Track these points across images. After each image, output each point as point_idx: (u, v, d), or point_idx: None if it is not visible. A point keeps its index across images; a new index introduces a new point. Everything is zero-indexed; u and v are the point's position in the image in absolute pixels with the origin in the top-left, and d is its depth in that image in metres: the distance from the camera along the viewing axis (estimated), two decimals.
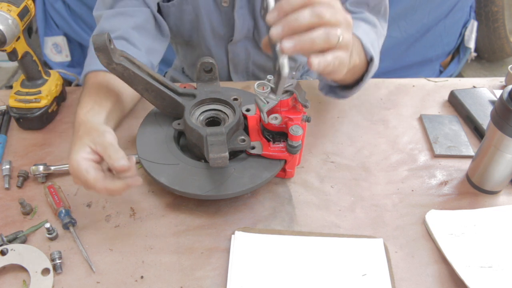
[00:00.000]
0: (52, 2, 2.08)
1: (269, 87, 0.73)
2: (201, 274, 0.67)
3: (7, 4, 0.80)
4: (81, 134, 0.70)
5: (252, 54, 1.09)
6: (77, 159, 0.66)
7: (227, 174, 0.74)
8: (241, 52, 1.08)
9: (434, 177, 0.84)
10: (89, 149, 0.67)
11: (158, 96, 0.80)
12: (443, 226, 0.74)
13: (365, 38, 0.79)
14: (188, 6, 0.97)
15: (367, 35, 0.80)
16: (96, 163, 0.67)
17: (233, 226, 0.74)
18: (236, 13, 0.97)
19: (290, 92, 0.74)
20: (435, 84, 1.07)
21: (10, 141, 0.89)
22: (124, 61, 0.75)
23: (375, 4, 0.88)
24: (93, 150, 0.67)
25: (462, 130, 0.93)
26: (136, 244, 0.71)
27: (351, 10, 0.86)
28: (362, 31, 0.80)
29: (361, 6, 0.88)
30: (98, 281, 0.66)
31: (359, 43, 0.78)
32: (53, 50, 2.19)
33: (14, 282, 0.66)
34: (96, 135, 0.68)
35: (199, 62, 0.83)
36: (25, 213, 0.75)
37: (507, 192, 0.81)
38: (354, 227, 0.74)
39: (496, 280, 0.66)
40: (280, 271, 0.67)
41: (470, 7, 2.22)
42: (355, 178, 0.83)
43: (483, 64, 2.59)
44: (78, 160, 0.66)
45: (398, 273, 0.68)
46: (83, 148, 0.67)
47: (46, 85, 0.91)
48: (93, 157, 0.67)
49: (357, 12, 0.87)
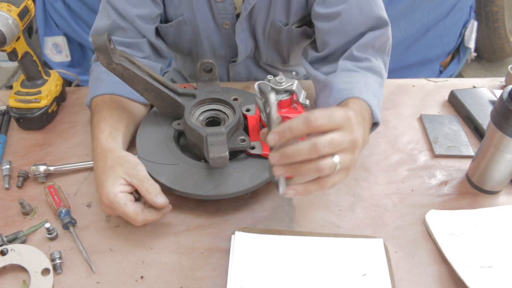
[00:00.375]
0: (52, 2, 2.08)
1: (269, 87, 0.73)
2: (201, 274, 0.67)
3: (7, 4, 0.80)
4: (111, 164, 0.70)
5: (254, 72, 1.09)
6: (114, 192, 0.67)
7: (227, 174, 0.74)
8: (242, 71, 1.08)
9: (434, 177, 0.84)
10: (124, 181, 0.68)
11: (158, 96, 0.80)
12: (443, 226, 0.74)
13: (374, 102, 0.77)
14: (187, 26, 0.96)
15: (375, 96, 0.78)
16: (130, 194, 0.69)
17: (233, 226, 0.74)
18: (237, 37, 0.96)
19: (290, 92, 0.74)
20: (435, 84, 1.07)
21: (10, 141, 0.89)
22: (124, 61, 0.75)
23: (380, 45, 0.88)
24: (127, 182, 0.68)
25: (462, 130, 0.93)
26: (136, 244, 0.71)
27: (358, 56, 0.85)
28: (371, 93, 0.78)
29: (367, 49, 0.86)
30: (98, 281, 0.66)
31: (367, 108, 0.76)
32: (53, 50, 2.19)
33: (14, 282, 0.66)
34: (129, 167, 0.69)
35: (199, 62, 0.83)
36: (25, 213, 0.75)
37: (507, 192, 0.81)
38: (354, 227, 0.74)
39: (496, 280, 0.66)
40: (280, 271, 0.67)
41: (470, 7, 2.22)
42: (355, 178, 0.83)
43: (483, 64, 2.59)
44: (115, 193, 0.67)
45: (398, 273, 0.68)
46: (118, 180, 0.68)
47: (46, 85, 0.91)
48: (128, 189, 0.68)
49: (362, 59, 0.85)
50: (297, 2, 0.91)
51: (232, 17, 0.94)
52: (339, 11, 0.84)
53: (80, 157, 0.85)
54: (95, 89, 0.85)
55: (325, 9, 0.86)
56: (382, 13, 0.86)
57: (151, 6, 0.89)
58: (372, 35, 0.86)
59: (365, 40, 0.86)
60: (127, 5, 0.86)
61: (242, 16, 0.92)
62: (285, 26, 0.95)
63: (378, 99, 0.80)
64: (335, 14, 0.85)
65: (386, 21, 0.87)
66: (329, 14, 0.85)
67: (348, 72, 0.83)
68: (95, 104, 0.83)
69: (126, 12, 0.86)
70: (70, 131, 0.92)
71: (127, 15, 0.87)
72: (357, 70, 0.84)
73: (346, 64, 0.84)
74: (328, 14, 0.85)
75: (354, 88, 0.77)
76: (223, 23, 0.95)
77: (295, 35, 0.97)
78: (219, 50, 1.02)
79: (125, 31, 0.88)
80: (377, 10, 0.85)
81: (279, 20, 0.94)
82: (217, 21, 0.95)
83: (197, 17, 0.94)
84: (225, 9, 0.93)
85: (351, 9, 0.84)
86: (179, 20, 0.95)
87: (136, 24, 0.88)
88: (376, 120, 0.78)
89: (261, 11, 0.93)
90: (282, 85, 0.73)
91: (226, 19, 0.94)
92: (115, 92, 0.84)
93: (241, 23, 0.94)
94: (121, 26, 0.88)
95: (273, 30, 0.96)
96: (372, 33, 0.86)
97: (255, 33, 0.98)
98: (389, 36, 0.89)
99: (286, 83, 0.73)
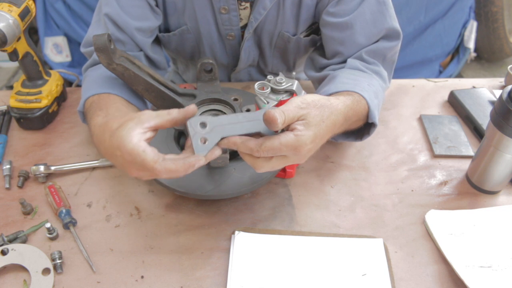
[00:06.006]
0: (52, 2, 2.08)
1: (269, 87, 0.74)
2: (201, 274, 0.67)
3: (8, 4, 0.80)
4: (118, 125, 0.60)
5: (255, 80, 1.08)
6: (132, 141, 0.57)
7: (227, 174, 0.74)
8: (244, 78, 1.07)
9: (434, 177, 0.84)
10: (140, 129, 0.59)
11: (158, 96, 0.81)
12: (442, 226, 0.74)
13: (374, 103, 0.77)
14: (190, 35, 0.94)
15: (376, 97, 0.78)
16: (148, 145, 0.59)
17: (233, 226, 0.74)
18: (242, 48, 0.95)
19: (290, 92, 0.74)
20: (435, 84, 1.07)
21: (10, 141, 0.90)
22: (124, 62, 0.75)
23: (391, 56, 0.87)
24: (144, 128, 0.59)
25: (461, 130, 0.93)
26: (136, 244, 0.71)
27: (366, 59, 0.85)
28: (373, 94, 0.78)
29: (377, 57, 0.86)
30: (98, 281, 0.66)
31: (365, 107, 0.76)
32: (53, 50, 2.19)
33: (14, 282, 0.66)
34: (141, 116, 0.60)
35: (199, 62, 0.83)
36: (25, 213, 0.75)
37: (507, 192, 0.81)
38: (354, 227, 0.75)
39: (496, 280, 0.66)
40: (280, 271, 0.67)
41: (470, 7, 2.22)
42: (355, 178, 0.83)
43: (483, 65, 2.59)
44: (133, 142, 0.57)
45: (398, 273, 0.68)
46: (133, 130, 0.59)
47: (47, 85, 0.92)
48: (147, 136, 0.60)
49: (371, 63, 0.85)
50: (306, 12, 0.89)
51: (237, 29, 0.92)
52: (351, 21, 0.83)
53: (81, 157, 0.85)
54: (88, 90, 0.79)
55: (337, 19, 0.84)
56: (395, 24, 0.85)
57: (151, 19, 0.87)
58: (385, 44, 0.85)
59: (377, 47, 0.85)
60: (128, 18, 0.83)
61: (251, 27, 0.90)
62: (293, 36, 0.93)
63: (379, 101, 0.79)
64: (347, 25, 0.83)
65: (399, 33, 0.86)
66: (341, 24, 0.84)
67: (355, 70, 0.83)
68: (89, 104, 0.77)
69: (125, 25, 0.83)
70: (71, 131, 0.92)
71: (127, 28, 0.84)
72: (365, 70, 0.84)
73: (355, 63, 0.84)
74: (340, 24, 0.84)
75: (357, 85, 0.77)
76: (227, 34, 0.93)
77: (303, 44, 0.96)
78: (221, 59, 1.00)
79: (123, 44, 0.85)
80: (391, 21, 0.85)
81: (287, 30, 0.92)
82: (221, 32, 0.94)
83: (200, 27, 0.92)
84: (230, 21, 0.91)
85: (364, 20, 0.83)
86: (182, 29, 0.93)
87: (135, 37, 0.85)
88: (372, 120, 0.77)
89: (269, 22, 0.91)
90: (282, 85, 0.73)
91: (231, 30, 0.92)
92: (110, 92, 0.78)
93: (248, 34, 0.92)
94: (120, 39, 0.84)
95: (281, 40, 0.94)
96: (385, 42, 0.85)
97: (261, 43, 0.96)
98: (398, 49, 0.88)
99: (286, 83, 0.73)
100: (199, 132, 0.59)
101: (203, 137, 0.59)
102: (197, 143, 0.59)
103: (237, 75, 1.06)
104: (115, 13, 0.83)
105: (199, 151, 0.59)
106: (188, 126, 0.59)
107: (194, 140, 0.59)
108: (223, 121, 0.60)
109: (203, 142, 0.59)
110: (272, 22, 0.91)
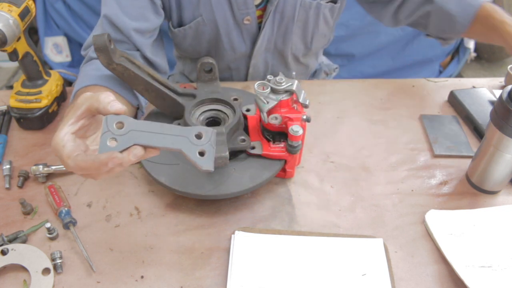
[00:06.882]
0: (52, 2, 2.08)
1: (269, 87, 0.74)
2: (201, 274, 0.67)
3: (8, 4, 0.80)
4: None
5: (271, 65, 1.09)
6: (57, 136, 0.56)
7: (227, 174, 0.74)
8: (261, 65, 1.08)
9: (434, 177, 0.84)
10: (72, 120, 0.57)
11: (158, 96, 0.81)
12: (442, 226, 0.74)
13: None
14: (206, 27, 0.95)
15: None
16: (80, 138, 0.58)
17: (233, 226, 0.74)
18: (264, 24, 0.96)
19: (290, 92, 0.74)
20: (435, 84, 1.07)
21: (10, 141, 0.90)
22: (124, 61, 0.75)
23: None
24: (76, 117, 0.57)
25: (461, 130, 0.93)
26: (136, 244, 0.71)
27: None
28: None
29: None
30: (98, 281, 0.66)
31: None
32: (53, 50, 2.19)
33: (14, 282, 0.66)
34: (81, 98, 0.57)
35: (199, 62, 0.83)
36: (25, 213, 0.75)
37: (507, 192, 0.81)
38: (354, 227, 0.75)
39: (496, 280, 0.66)
40: (280, 271, 0.67)
41: None
42: (355, 178, 0.83)
43: (483, 64, 2.59)
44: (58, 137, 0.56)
45: (397, 273, 0.68)
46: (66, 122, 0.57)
47: (47, 85, 0.92)
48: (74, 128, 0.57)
49: None
50: None
51: (252, 12, 0.93)
52: None
53: None
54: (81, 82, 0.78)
55: None
56: None
57: (151, 20, 0.87)
58: None
59: None
60: (126, 18, 0.83)
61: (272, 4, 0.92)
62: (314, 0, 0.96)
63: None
64: None
65: None
66: None
67: None
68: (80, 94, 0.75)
69: (123, 25, 0.83)
70: None
71: (124, 28, 0.83)
72: None
73: None
74: None
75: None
76: (243, 18, 0.94)
77: (322, 12, 0.99)
78: (239, 47, 1.01)
79: (120, 44, 0.85)
80: None
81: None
82: (236, 18, 0.94)
83: (216, 16, 0.93)
84: (245, 4, 0.92)
85: None
86: (197, 21, 0.94)
87: (132, 37, 0.84)
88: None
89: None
90: (282, 85, 0.73)
91: (247, 14, 0.93)
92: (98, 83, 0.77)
93: (271, 7, 0.93)
94: (117, 39, 0.84)
95: (303, 9, 0.96)
96: None
97: (284, 17, 0.97)
98: None
99: (286, 83, 0.73)
100: (112, 132, 0.55)
101: (114, 137, 0.55)
102: (104, 142, 0.54)
103: (255, 62, 1.05)
104: (113, 14, 0.83)
105: (102, 151, 0.54)
106: (103, 123, 0.55)
107: (102, 138, 0.54)
108: (143, 127, 0.56)
109: (113, 143, 0.54)
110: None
